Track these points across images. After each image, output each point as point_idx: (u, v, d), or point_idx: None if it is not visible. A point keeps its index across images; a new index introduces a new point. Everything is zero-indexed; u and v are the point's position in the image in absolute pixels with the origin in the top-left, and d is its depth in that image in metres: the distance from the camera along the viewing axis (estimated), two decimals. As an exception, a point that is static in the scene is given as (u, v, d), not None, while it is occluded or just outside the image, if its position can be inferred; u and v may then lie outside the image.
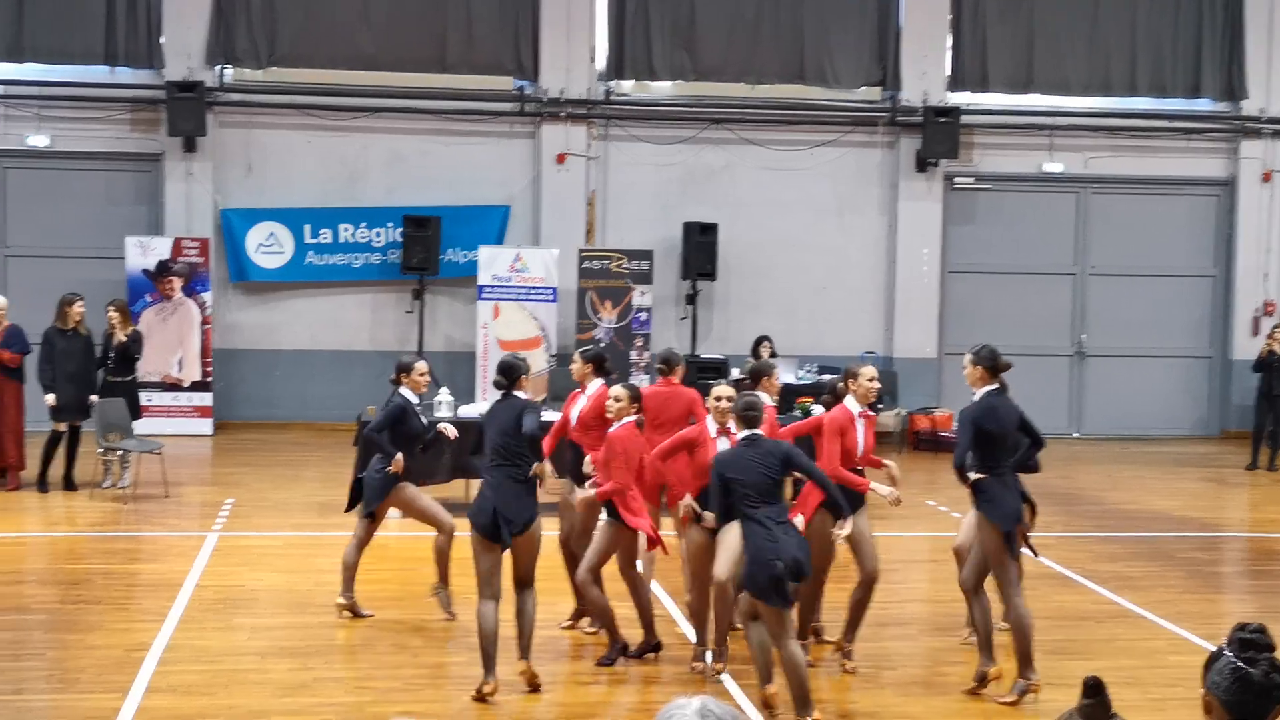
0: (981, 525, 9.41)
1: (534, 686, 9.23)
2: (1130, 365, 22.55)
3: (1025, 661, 9.41)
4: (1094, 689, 3.97)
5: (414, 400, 11.05)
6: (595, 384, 10.60)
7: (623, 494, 9.66)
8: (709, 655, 9.81)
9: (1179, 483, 18.70)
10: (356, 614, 10.99)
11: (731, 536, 9.17)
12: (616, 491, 9.61)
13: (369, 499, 11.00)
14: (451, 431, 11.31)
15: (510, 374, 9.48)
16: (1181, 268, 22.55)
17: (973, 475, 9.32)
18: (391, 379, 11.19)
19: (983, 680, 9.48)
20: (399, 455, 10.77)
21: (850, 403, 9.88)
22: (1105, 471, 19.37)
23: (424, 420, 11.24)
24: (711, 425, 9.78)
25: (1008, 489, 9.38)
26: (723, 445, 9.52)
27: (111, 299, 16.67)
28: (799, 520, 9.37)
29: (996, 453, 9.39)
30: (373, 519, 11.09)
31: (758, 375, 10.84)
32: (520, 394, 9.43)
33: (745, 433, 9.04)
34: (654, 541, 9.79)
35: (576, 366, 10.82)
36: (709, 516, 9.43)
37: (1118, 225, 22.45)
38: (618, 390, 9.95)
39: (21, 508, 15.12)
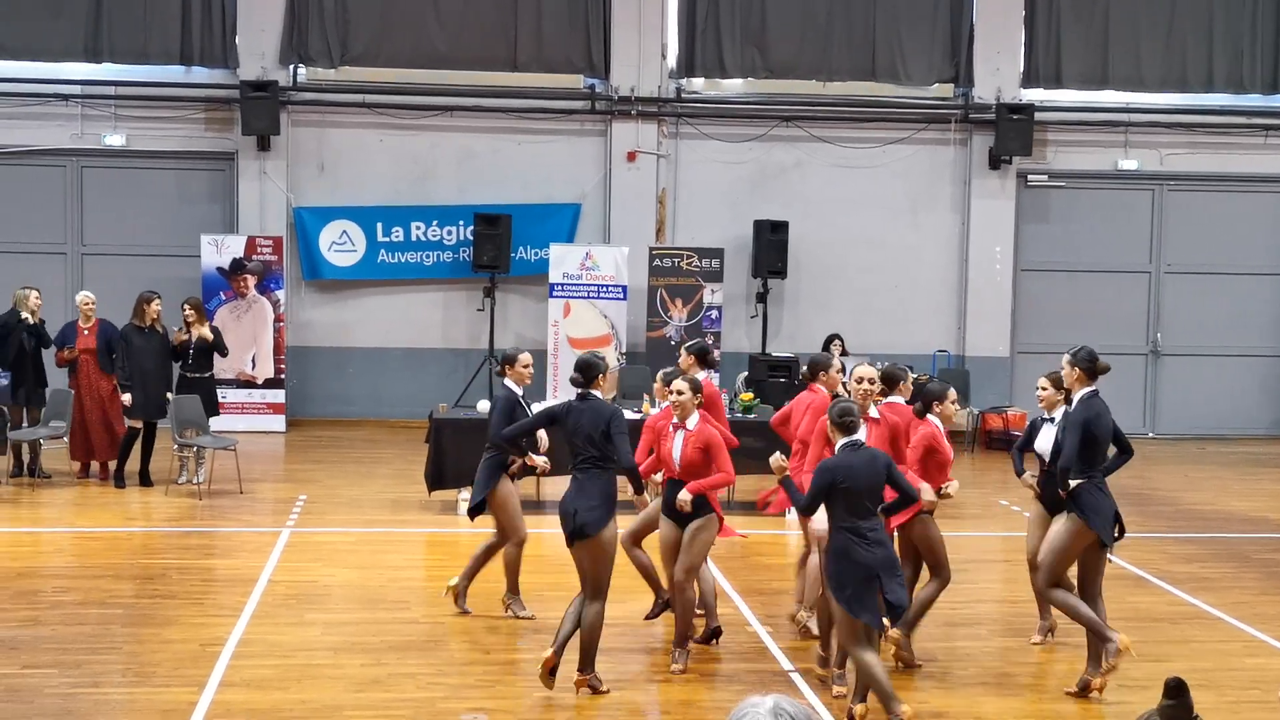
0: (1080, 531, 9.30)
1: (594, 690, 9.24)
2: (1206, 364, 22.31)
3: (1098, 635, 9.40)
4: (1176, 690, 3.94)
5: (518, 392, 10.82)
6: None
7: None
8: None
9: (1256, 483, 18.48)
10: (517, 615, 11.02)
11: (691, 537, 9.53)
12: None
13: (477, 488, 10.89)
14: (542, 464, 10.92)
15: (588, 372, 9.41)
16: (1259, 265, 22.27)
17: (1073, 481, 9.26)
18: (496, 371, 11.19)
19: (1085, 688, 9.41)
20: (533, 455, 10.76)
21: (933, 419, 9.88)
22: (1181, 472, 19.18)
23: (530, 412, 10.75)
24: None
25: (1106, 496, 9.32)
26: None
27: (187, 296, 16.87)
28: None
29: (1096, 458, 9.33)
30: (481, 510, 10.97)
31: (815, 369, 10.82)
32: (597, 393, 9.42)
33: (846, 439, 8.64)
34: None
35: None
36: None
37: (1194, 223, 22.21)
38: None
39: (99, 503, 15.30)
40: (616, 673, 9.67)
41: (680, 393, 9.63)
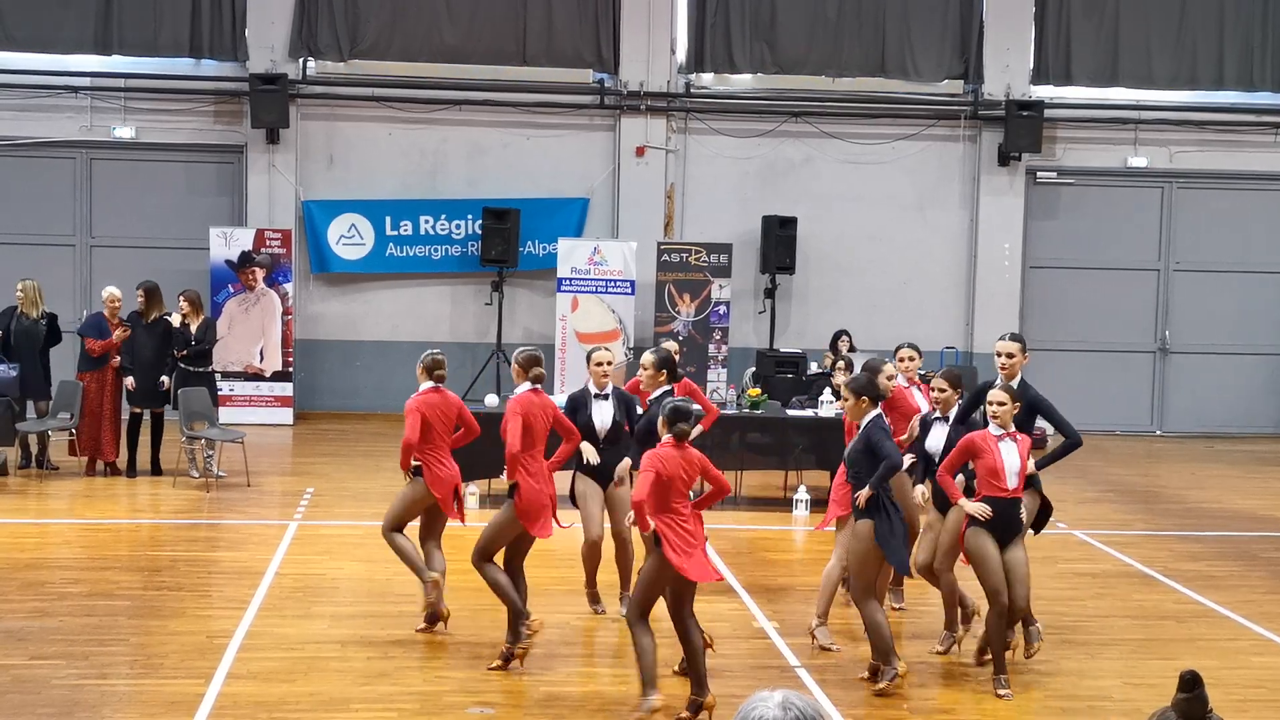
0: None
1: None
2: (1214, 362, 22.27)
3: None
4: (1191, 683, 3.93)
5: (593, 390, 10.97)
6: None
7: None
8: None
9: (1263, 481, 18.45)
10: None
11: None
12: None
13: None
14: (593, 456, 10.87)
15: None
16: (1268, 264, 22.21)
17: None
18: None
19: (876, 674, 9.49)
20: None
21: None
22: (1188, 469, 19.15)
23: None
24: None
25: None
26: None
27: (183, 289, 16.86)
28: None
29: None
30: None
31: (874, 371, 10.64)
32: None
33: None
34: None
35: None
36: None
37: (1203, 220, 22.17)
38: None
39: (107, 494, 15.33)
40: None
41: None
